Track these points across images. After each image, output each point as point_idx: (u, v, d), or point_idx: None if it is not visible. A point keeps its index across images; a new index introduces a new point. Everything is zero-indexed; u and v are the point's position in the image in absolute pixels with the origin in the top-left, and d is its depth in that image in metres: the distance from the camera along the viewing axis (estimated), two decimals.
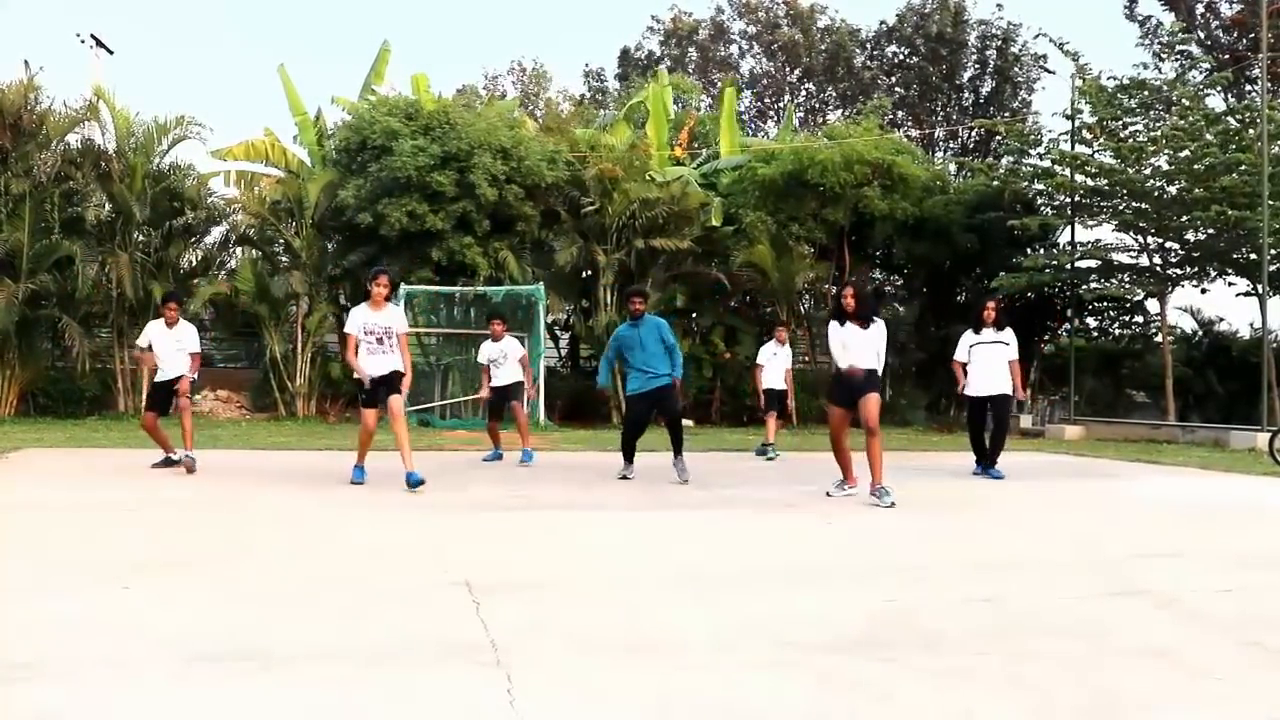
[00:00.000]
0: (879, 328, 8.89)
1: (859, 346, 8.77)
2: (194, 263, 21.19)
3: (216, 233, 21.58)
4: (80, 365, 18.80)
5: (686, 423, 20.38)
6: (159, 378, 10.54)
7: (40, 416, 18.04)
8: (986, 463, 11.45)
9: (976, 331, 11.62)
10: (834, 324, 8.97)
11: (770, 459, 13.32)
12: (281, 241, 21.19)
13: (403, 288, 18.77)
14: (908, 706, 3.34)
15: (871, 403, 8.66)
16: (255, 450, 12.95)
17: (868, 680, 3.57)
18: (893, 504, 8.27)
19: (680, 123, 26.14)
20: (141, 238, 19.85)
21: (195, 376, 10.62)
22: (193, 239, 21.04)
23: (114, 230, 19.24)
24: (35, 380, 18.62)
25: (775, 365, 14.06)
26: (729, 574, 5.49)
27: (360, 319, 9.15)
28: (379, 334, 9.09)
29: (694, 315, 22.73)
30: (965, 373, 11.65)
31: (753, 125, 38.96)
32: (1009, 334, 11.66)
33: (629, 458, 10.47)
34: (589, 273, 21.24)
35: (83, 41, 27.40)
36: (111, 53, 27.73)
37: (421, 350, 19.33)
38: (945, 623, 4.43)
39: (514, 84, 40.61)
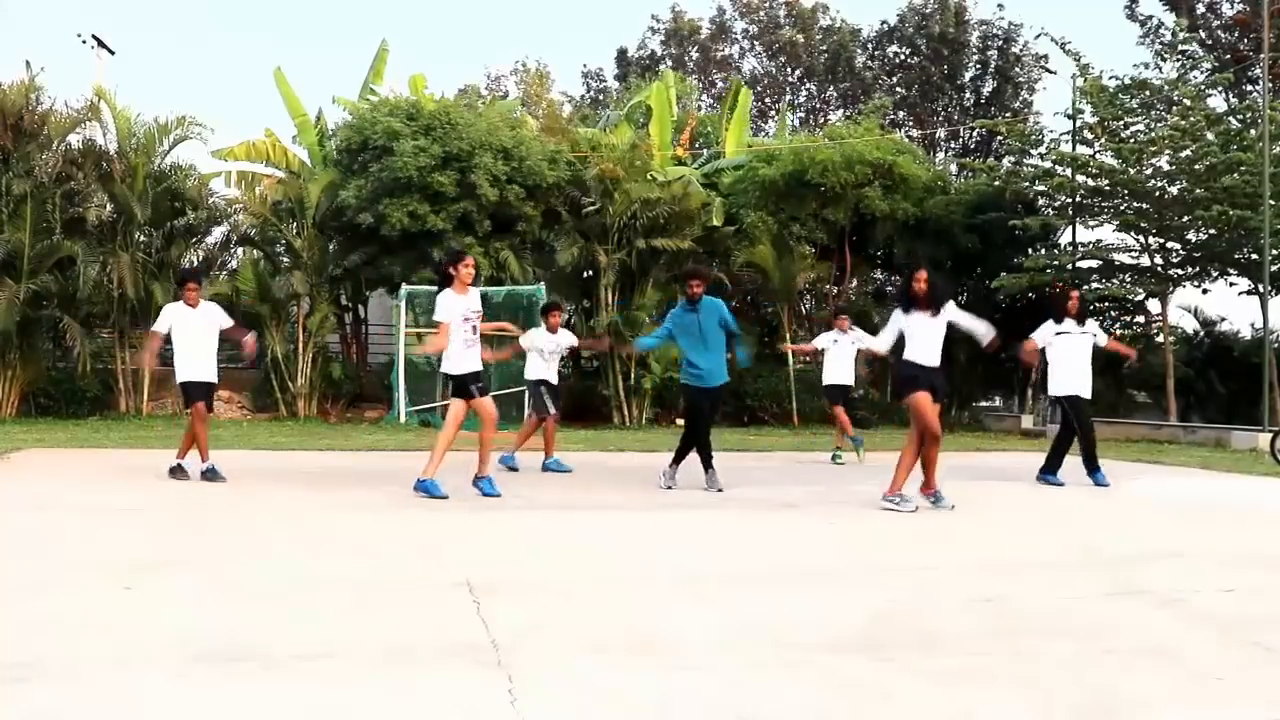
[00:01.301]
0: (947, 314, 8.36)
1: (925, 338, 8.29)
2: (195, 263, 21.17)
3: (218, 233, 21.65)
4: (81, 366, 18.82)
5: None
6: (191, 375, 9.44)
7: (41, 417, 18.04)
8: (1049, 466, 10.77)
9: (1058, 321, 10.83)
10: (898, 312, 8.47)
11: (838, 462, 12.71)
12: (283, 242, 21.23)
13: (404, 288, 18.79)
14: (908, 706, 3.33)
15: (937, 410, 8.30)
16: (256, 451, 12.95)
17: (868, 680, 3.57)
18: (915, 509, 8.06)
19: (682, 123, 26.14)
20: (143, 238, 19.87)
21: (255, 351, 9.67)
22: (194, 239, 21.06)
23: (115, 230, 19.25)
24: (36, 381, 18.63)
25: (836, 355, 13.12)
26: (730, 574, 5.49)
27: (459, 305, 8.37)
28: (474, 321, 8.41)
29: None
30: (1041, 357, 10.91)
31: (753, 125, 38.95)
32: (1092, 325, 11.05)
33: (707, 463, 9.46)
34: (590, 273, 21.24)
35: (84, 42, 27.49)
36: (113, 53, 27.81)
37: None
38: (946, 623, 4.43)
39: (517, 84, 40.64)
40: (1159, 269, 21.48)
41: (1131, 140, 20.43)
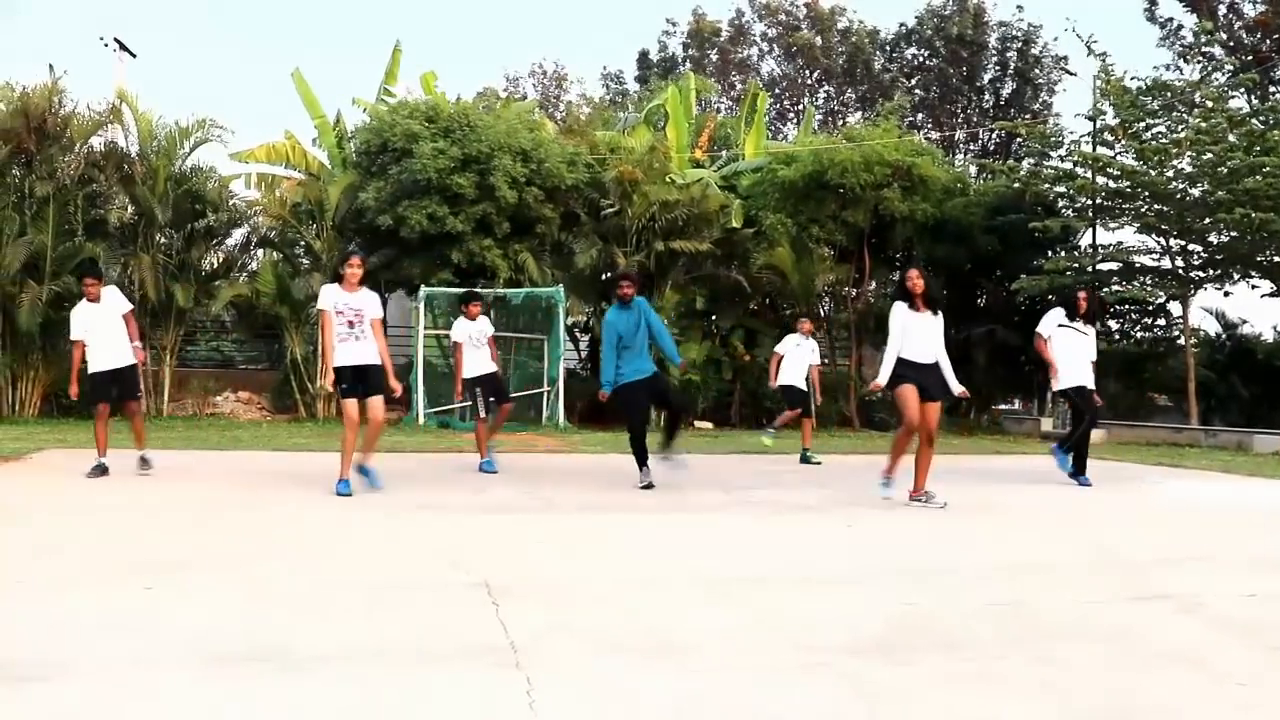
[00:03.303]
0: (940, 318, 8.66)
1: (922, 335, 8.52)
2: (215, 265, 21.31)
3: (238, 235, 21.69)
4: None
5: (705, 425, 20.44)
6: (99, 365, 9.71)
7: (63, 417, 18.14)
8: (1076, 467, 10.82)
9: (1070, 318, 10.88)
10: (901, 305, 8.63)
11: (767, 445, 12.89)
12: (302, 243, 21.29)
13: (422, 290, 18.83)
14: (927, 710, 3.32)
15: (935, 410, 8.53)
16: (276, 452, 13.00)
17: (886, 683, 3.56)
18: (944, 504, 8.39)
19: (700, 125, 26.14)
20: (164, 240, 19.97)
21: (141, 344, 9.87)
22: (214, 241, 21.14)
23: (136, 232, 19.37)
24: (58, 381, 18.67)
25: (797, 359, 13.23)
26: (748, 576, 5.48)
27: (331, 296, 8.55)
28: (350, 317, 8.52)
29: (713, 317, 22.71)
30: (1051, 356, 10.80)
31: (772, 128, 38.93)
32: (1092, 331, 11.10)
33: (643, 461, 9.74)
34: (609, 275, 21.24)
35: (106, 45, 27.67)
36: (134, 56, 28.02)
37: (441, 352, 19.38)
38: (965, 626, 4.41)
39: (535, 86, 40.74)
40: (1180, 271, 21.36)
41: (1153, 142, 20.32)
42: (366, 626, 4.17)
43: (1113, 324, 24.56)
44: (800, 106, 38.92)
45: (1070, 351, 10.81)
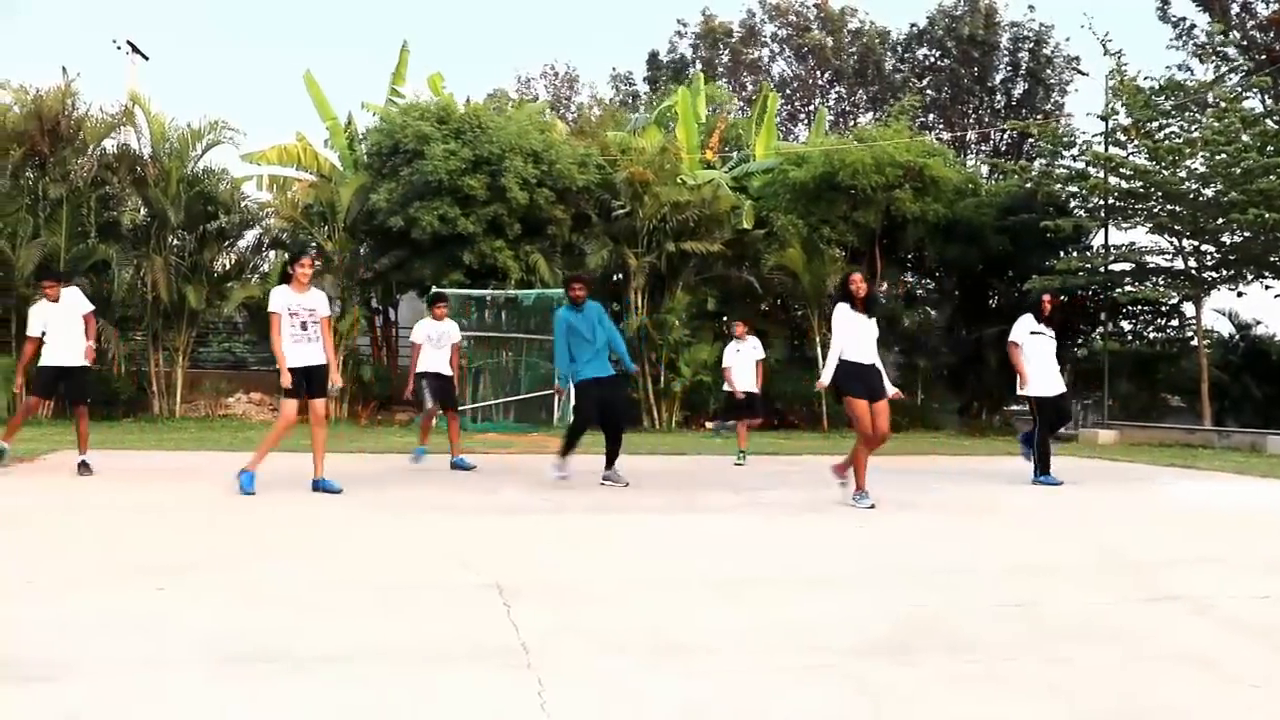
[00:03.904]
0: (874, 321, 8.79)
1: (866, 337, 8.61)
2: (227, 266, 21.41)
3: (250, 236, 21.84)
4: (116, 368, 19.00)
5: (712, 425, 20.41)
6: (49, 360, 9.93)
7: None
8: (1042, 470, 10.86)
9: (1038, 321, 11.04)
10: (845, 306, 8.66)
11: (739, 464, 12.64)
12: (314, 245, 21.34)
13: (433, 291, 18.85)
14: (932, 712, 3.32)
15: (885, 408, 8.60)
16: (289, 453, 13.00)
17: (894, 685, 3.55)
18: (872, 505, 8.34)
19: (711, 126, 26.14)
20: (176, 241, 20.09)
21: (94, 344, 10.17)
22: (226, 242, 21.25)
23: (149, 234, 19.47)
24: None
25: (742, 364, 13.21)
26: (757, 577, 5.48)
27: (283, 298, 8.61)
28: (304, 318, 8.64)
29: (724, 318, 22.70)
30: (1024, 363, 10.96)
31: (783, 129, 38.86)
32: (1053, 334, 11.27)
33: (568, 451, 9.82)
34: (620, 276, 21.27)
35: (119, 48, 27.79)
36: (147, 59, 28.13)
37: None
38: (974, 628, 4.40)
39: (546, 87, 40.76)
40: (1193, 272, 21.27)
41: (1166, 142, 20.25)
42: (376, 627, 4.18)
43: (1125, 325, 24.48)
44: (811, 107, 38.83)
45: (1041, 358, 10.99)
